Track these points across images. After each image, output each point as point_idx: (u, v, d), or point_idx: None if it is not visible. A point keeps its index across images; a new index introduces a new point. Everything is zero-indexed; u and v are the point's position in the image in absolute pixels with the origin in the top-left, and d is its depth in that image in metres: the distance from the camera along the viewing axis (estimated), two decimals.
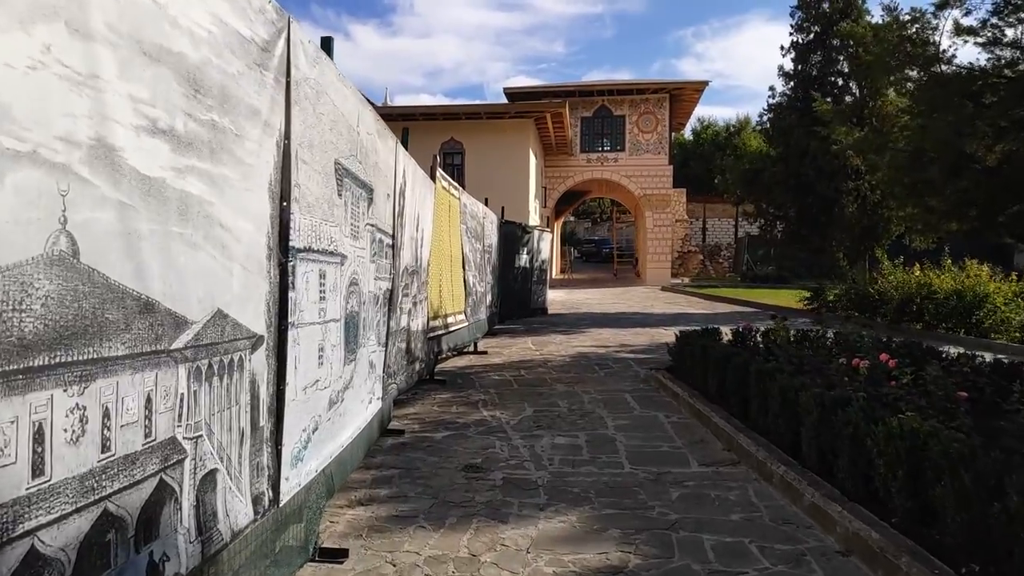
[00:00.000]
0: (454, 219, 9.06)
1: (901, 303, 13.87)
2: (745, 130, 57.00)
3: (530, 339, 12.09)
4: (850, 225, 17.28)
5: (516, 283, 15.59)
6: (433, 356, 7.76)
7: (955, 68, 11.26)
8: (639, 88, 30.93)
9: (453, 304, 8.75)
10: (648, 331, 13.50)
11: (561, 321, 15.60)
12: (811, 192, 17.65)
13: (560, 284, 30.77)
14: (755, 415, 5.43)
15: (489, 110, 24.18)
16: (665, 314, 17.87)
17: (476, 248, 10.79)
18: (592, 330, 13.63)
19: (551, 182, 31.38)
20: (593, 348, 10.88)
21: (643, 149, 31.29)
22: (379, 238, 4.56)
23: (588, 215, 66.95)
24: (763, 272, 31.24)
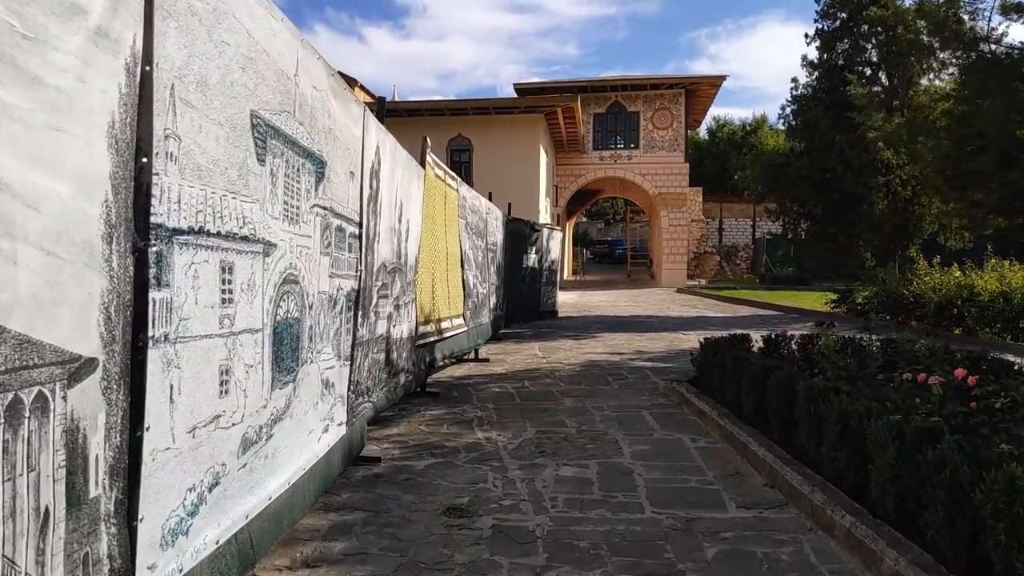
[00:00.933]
0: (451, 212, 8.16)
1: (940, 306, 12.81)
2: (762, 129, 55.92)
3: (537, 345, 11.15)
4: (880, 223, 16.20)
5: (524, 284, 14.66)
6: (424, 366, 6.84)
7: (1005, 48, 10.22)
8: (654, 83, 29.92)
9: (449, 307, 7.83)
10: (665, 336, 12.53)
11: (572, 325, 14.66)
12: (838, 188, 16.60)
13: (572, 286, 29.82)
14: (803, 443, 4.47)
15: (498, 105, 23.29)
16: (682, 318, 16.88)
17: (478, 246, 9.88)
18: (605, 335, 12.67)
19: (563, 180, 30.43)
20: (606, 355, 9.93)
21: (658, 146, 30.27)
22: (338, 225, 3.65)
23: (601, 216, 65.92)
24: (783, 273, 30.15)
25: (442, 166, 7.64)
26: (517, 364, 9.12)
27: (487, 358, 9.44)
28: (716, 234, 41.16)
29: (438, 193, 7.34)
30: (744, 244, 40.15)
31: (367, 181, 4.28)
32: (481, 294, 9.90)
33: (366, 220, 4.26)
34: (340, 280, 3.74)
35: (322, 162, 3.32)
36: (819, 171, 16.76)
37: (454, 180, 8.36)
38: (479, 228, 10.04)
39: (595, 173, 30.56)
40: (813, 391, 4.40)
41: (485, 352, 10.11)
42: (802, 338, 7.24)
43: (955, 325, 12.60)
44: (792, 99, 17.63)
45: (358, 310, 4.16)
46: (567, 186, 30.49)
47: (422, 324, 6.54)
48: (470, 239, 9.27)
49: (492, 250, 11.21)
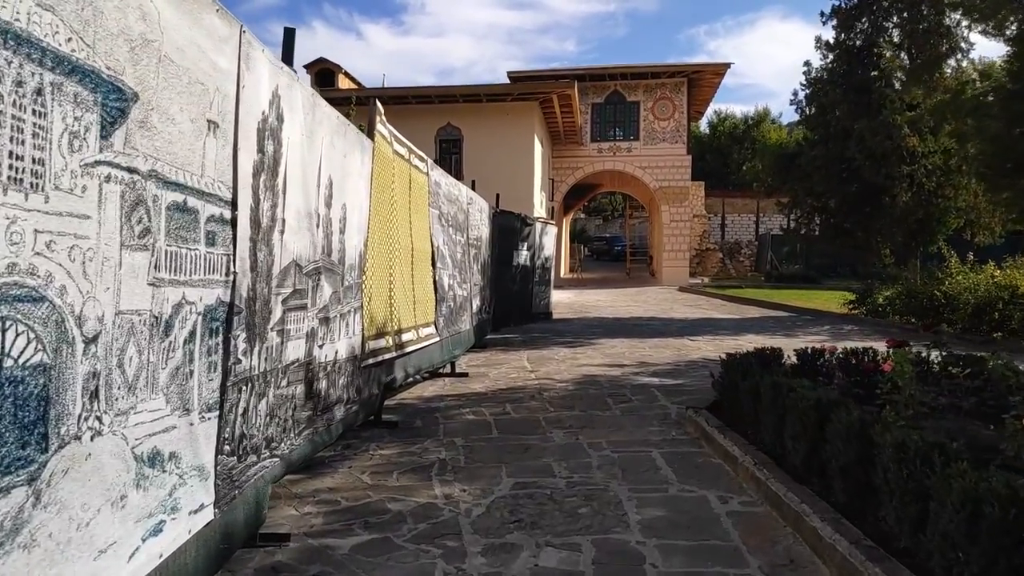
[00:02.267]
0: (419, 200, 6.78)
1: (977, 308, 11.46)
2: (764, 122, 54.55)
3: (526, 354, 9.78)
4: (902, 216, 14.84)
5: (514, 284, 13.29)
6: (379, 389, 5.47)
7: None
8: (655, 72, 28.52)
9: (415, 314, 6.46)
10: (671, 343, 11.16)
11: (567, 329, 13.28)
12: (856, 179, 15.23)
13: (569, 284, 28.46)
14: (893, 523, 3.10)
15: (490, 92, 21.90)
16: (688, 320, 15.51)
17: (456, 241, 8.51)
18: (603, 341, 11.30)
19: (559, 174, 29.04)
20: (604, 368, 8.56)
21: (659, 138, 28.89)
22: (173, 202, 2.26)
23: (599, 212, 64.57)
24: (789, 271, 28.82)
25: (405, 142, 6.26)
26: (500, 380, 7.75)
27: (466, 372, 8.07)
28: (718, 230, 39.77)
29: (399, 174, 5.96)
30: (747, 241, 38.77)
31: (253, 142, 2.90)
32: (459, 297, 8.53)
33: (252, 199, 2.89)
34: (183, 290, 2.36)
35: (119, 92, 1.93)
36: (836, 160, 15.39)
37: (423, 161, 6.98)
38: (458, 220, 8.67)
39: (593, 166, 29.17)
40: (908, 450, 3.03)
41: (465, 364, 8.74)
42: (853, 356, 5.90)
43: (995, 330, 11.25)
44: (806, 82, 16.25)
45: (236, 332, 2.78)
46: (564, 179, 29.11)
47: (373, 338, 5.17)
48: (445, 233, 7.90)
49: (475, 246, 9.85)
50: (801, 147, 16.69)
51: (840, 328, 14.12)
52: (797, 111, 16.70)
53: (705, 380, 7.44)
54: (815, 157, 15.68)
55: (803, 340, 11.96)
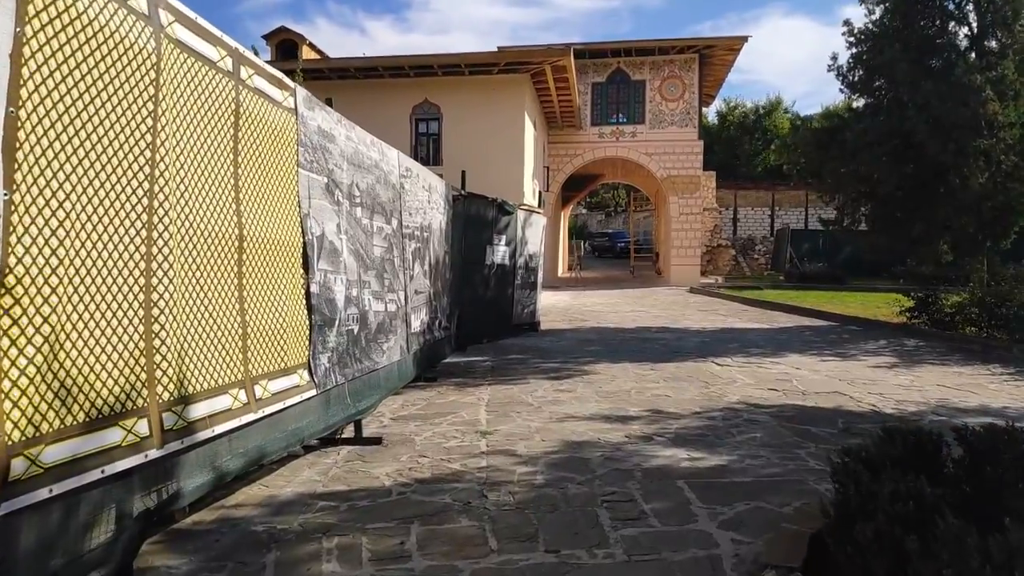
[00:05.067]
0: (266, 153, 3.87)
1: None
2: (776, 111, 51.47)
3: (488, 394, 6.81)
4: (977, 202, 11.84)
5: (487, 289, 10.35)
6: (116, 540, 2.54)
7: None
8: (663, 47, 25.50)
9: (246, 358, 3.52)
10: (693, 370, 8.20)
11: (555, 347, 10.33)
12: (916, 157, 12.22)
13: (566, 285, 25.49)
14: None
15: (472, 62, 18.90)
16: (707, 332, 12.55)
17: (373, 230, 5.56)
18: (600, 368, 8.34)
19: (555, 161, 26.05)
20: (599, 426, 5.59)
21: (667, 121, 25.89)
22: None
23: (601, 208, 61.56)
24: (812, 270, 25.83)
25: (226, 40, 3.34)
26: (429, 455, 4.78)
27: (378, 437, 5.10)
28: (730, 225, 36.76)
29: (189, 91, 3.03)
30: (762, 236, 35.76)
31: None
32: (378, 315, 5.57)
33: None
34: None
35: None
36: (890, 135, 12.37)
37: (281, 88, 4.05)
38: (379, 199, 5.72)
39: (594, 153, 26.18)
40: None
41: (391, 414, 5.82)
42: None
43: None
44: (855, 39, 13.23)
45: None
46: (561, 167, 26.12)
47: (58, 439, 2.23)
48: (346, 216, 4.96)
49: (418, 238, 6.90)
50: (844, 120, 13.69)
51: (903, 344, 11.14)
52: (838, 76, 13.68)
53: (762, 452, 4.51)
54: (863, 131, 12.67)
55: (866, 364, 9.00)
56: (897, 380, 7.86)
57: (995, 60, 11.92)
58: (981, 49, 12.66)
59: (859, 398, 6.79)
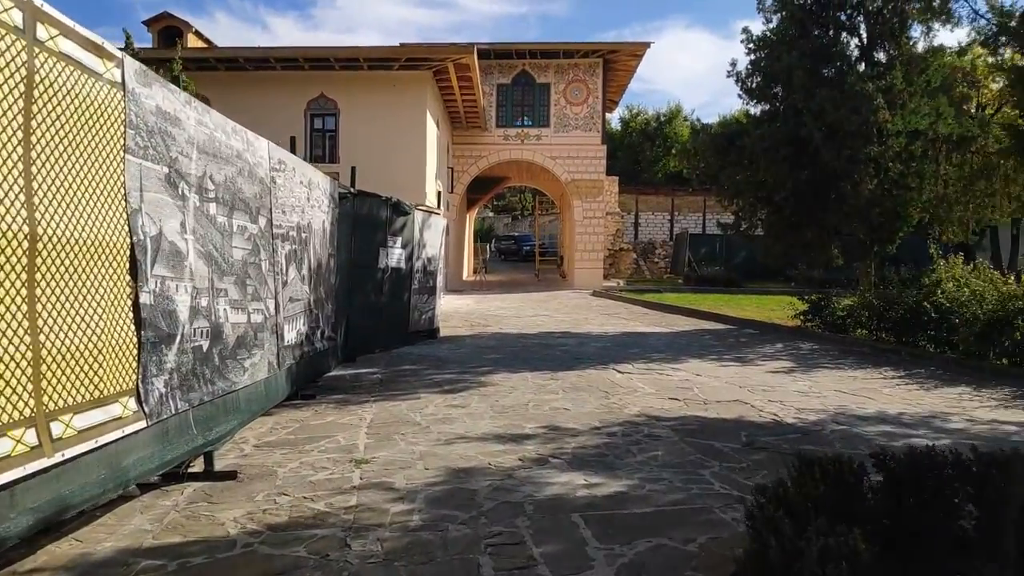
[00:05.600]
0: (84, 133, 3.15)
1: (988, 325, 8.72)
2: (676, 119, 52.88)
3: (372, 412, 6.19)
4: (867, 208, 12.15)
5: (380, 295, 9.70)
6: None
7: None
8: (567, 51, 25.44)
9: (42, 388, 2.80)
10: (593, 378, 7.84)
11: (453, 355, 9.78)
12: (813, 163, 12.44)
13: (470, 288, 25.00)
14: None
15: (372, 56, 18.09)
16: (609, 336, 12.33)
17: (231, 229, 4.86)
18: (499, 379, 7.86)
19: (460, 163, 25.52)
20: (491, 448, 5.10)
21: (571, 125, 25.85)
22: None
23: (508, 211, 61.49)
24: (709, 273, 26.42)
25: None
26: (291, 491, 4.14)
27: (232, 471, 4.40)
28: (632, 229, 37.33)
29: None
30: (662, 240, 36.47)
31: None
32: (235, 327, 4.86)
33: None
34: None
35: None
36: (787, 141, 12.56)
37: (101, 56, 3.33)
38: (240, 194, 5.01)
39: (499, 155, 25.80)
40: None
41: (254, 440, 5.12)
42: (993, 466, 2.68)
43: (1008, 355, 8.55)
44: (753, 46, 13.39)
45: None
46: (465, 168, 25.61)
47: None
48: (193, 211, 4.24)
49: (293, 239, 6.21)
50: (743, 126, 13.84)
51: (798, 347, 11.26)
52: (737, 82, 13.83)
53: (664, 474, 4.13)
54: (761, 137, 12.82)
55: (764, 369, 8.94)
56: (796, 386, 7.79)
57: (883, 70, 12.29)
58: (870, 59, 13.05)
59: (760, 407, 6.60)
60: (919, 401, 7.00)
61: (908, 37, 12.68)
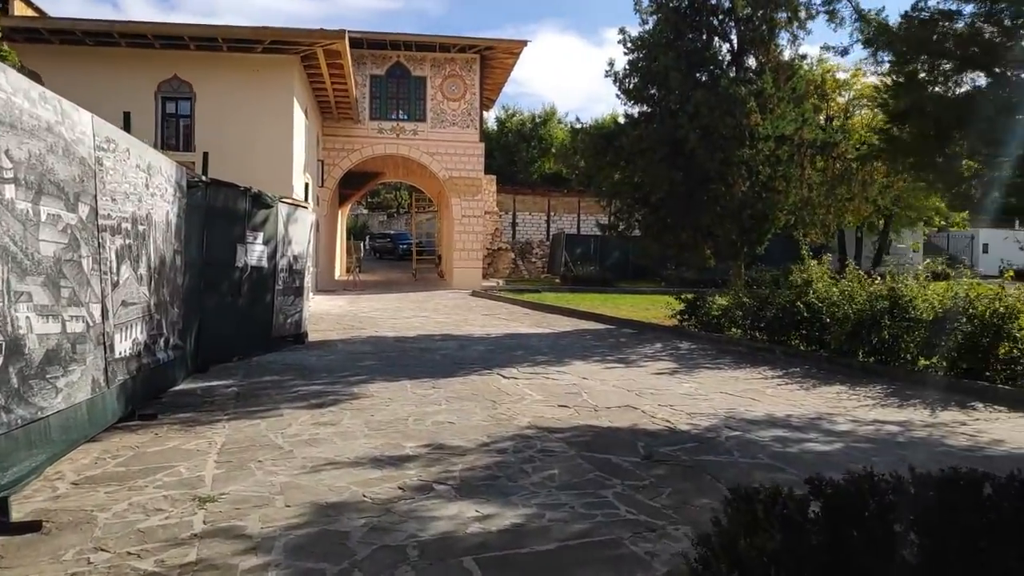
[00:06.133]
0: None
1: (857, 324, 9.00)
2: (551, 121, 53.56)
3: (225, 434, 5.34)
4: (739, 209, 12.43)
5: (239, 296, 8.72)
6: None
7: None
8: (444, 44, 24.83)
9: None
10: (478, 385, 7.33)
11: (322, 363, 8.95)
12: (689, 164, 12.58)
13: (343, 288, 23.86)
14: None
15: (231, 36, 16.65)
16: (491, 338, 11.89)
17: (44, 219, 3.96)
18: (374, 389, 7.17)
19: (331, 156, 24.30)
20: (366, 474, 4.46)
21: (449, 121, 25.28)
22: None
23: (383, 208, 60.02)
24: (585, 273, 26.70)
25: None
26: (102, 554, 3.28)
27: (36, 521, 3.49)
28: (510, 229, 37.27)
29: None
30: (539, 240, 36.67)
31: None
32: (43, 339, 3.93)
33: None
34: None
35: None
36: (664, 143, 12.63)
37: None
38: (51, 175, 4.08)
39: (373, 149, 24.80)
40: None
41: (73, 475, 4.21)
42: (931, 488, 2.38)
43: (877, 352, 8.85)
44: (631, 46, 13.38)
45: None
46: (337, 162, 24.41)
47: None
48: None
49: (128, 233, 5.25)
50: (621, 127, 13.83)
51: (677, 347, 11.30)
52: (615, 83, 13.81)
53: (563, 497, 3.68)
54: (639, 138, 12.83)
55: (649, 370, 8.78)
56: (682, 388, 7.63)
57: (754, 75, 12.61)
58: (741, 64, 13.37)
59: (651, 412, 6.33)
60: (802, 402, 7.01)
61: (776, 44, 13.09)
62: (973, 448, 5.32)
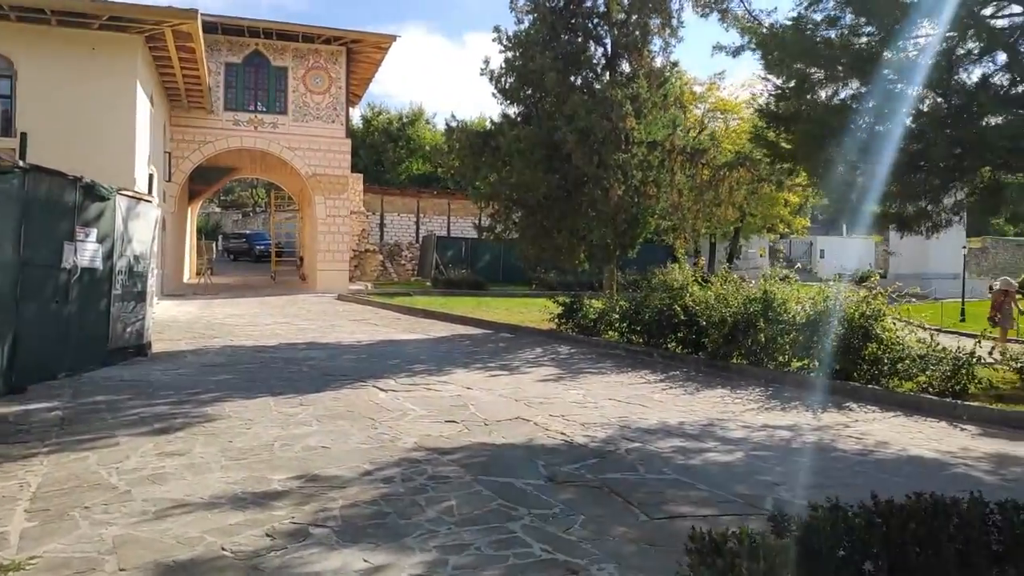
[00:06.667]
0: None
1: (734, 327, 9.11)
2: (419, 121, 52.67)
3: (39, 475, 4.33)
4: (614, 214, 12.42)
5: (67, 302, 7.49)
6: None
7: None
8: (307, 34, 23.52)
9: None
10: (352, 400, 6.62)
11: (169, 379, 7.84)
12: (566, 167, 12.43)
13: (193, 292, 21.93)
14: None
15: (62, 8, 14.67)
16: (364, 345, 11.12)
17: None
18: (230, 408, 6.27)
19: (181, 147, 22.30)
20: (225, 518, 3.71)
21: (312, 115, 23.98)
22: None
23: (238, 206, 56.50)
24: (456, 276, 26.26)
25: None
26: None
27: None
28: (377, 230, 36.10)
29: None
30: (408, 242, 35.77)
31: None
32: None
33: None
34: None
35: None
36: (541, 144, 12.39)
37: None
38: None
39: (228, 142, 23.04)
40: None
41: None
42: None
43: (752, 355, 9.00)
44: (509, 44, 13.03)
45: None
46: (187, 155, 22.45)
47: None
48: None
49: None
50: (498, 127, 13.46)
51: (557, 351, 11.07)
52: (491, 81, 13.43)
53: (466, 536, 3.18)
54: (516, 138, 12.50)
55: (534, 377, 8.42)
56: (570, 396, 7.32)
57: (629, 79, 12.65)
58: (615, 68, 13.40)
59: (544, 424, 5.94)
60: (691, 408, 6.88)
61: (649, 51, 13.23)
62: (864, 452, 5.32)
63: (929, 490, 2.40)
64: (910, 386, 7.51)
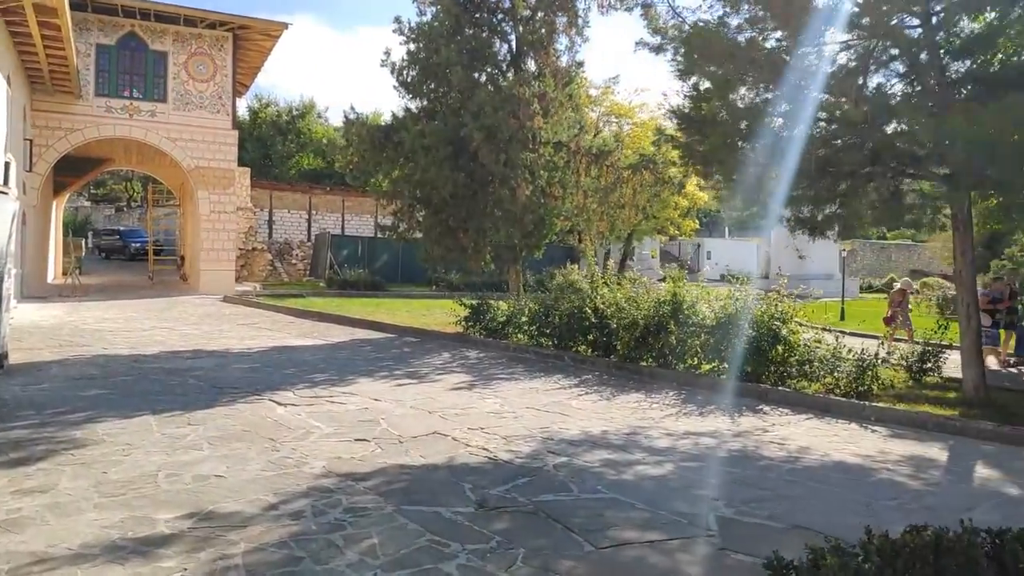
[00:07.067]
0: None
1: (645, 330, 9.04)
2: (310, 115, 50.78)
3: None
4: (522, 214, 12.19)
5: None
6: None
7: None
8: (189, 17, 21.95)
9: None
10: (248, 415, 5.97)
11: (28, 396, 6.85)
12: (472, 165, 12.07)
13: (58, 295, 19.93)
14: None
15: None
16: (256, 352, 10.31)
17: None
18: (101, 430, 5.49)
19: (44, 135, 20.24)
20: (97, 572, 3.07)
21: (196, 104, 22.42)
22: None
23: (111, 200, 52.54)
24: (353, 276, 25.36)
25: None
26: None
27: None
28: (266, 227, 34.40)
29: None
30: (299, 241, 34.27)
31: None
32: None
33: None
34: None
35: None
36: (447, 141, 11.97)
37: None
38: None
39: (99, 130, 21.15)
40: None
41: None
42: None
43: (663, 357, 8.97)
44: (410, 36, 12.51)
45: None
46: (52, 144, 20.41)
47: None
48: None
49: None
50: (400, 121, 12.90)
51: (465, 356, 10.69)
52: (392, 73, 12.87)
53: None
54: (420, 134, 12.02)
55: (445, 386, 8.01)
56: (486, 405, 6.97)
57: (534, 77, 12.46)
58: (520, 66, 13.17)
59: (464, 440, 5.55)
60: (609, 415, 6.69)
61: (555, 49, 13.09)
62: (790, 459, 5.27)
63: (861, 498, 2.19)
64: (818, 387, 7.66)
